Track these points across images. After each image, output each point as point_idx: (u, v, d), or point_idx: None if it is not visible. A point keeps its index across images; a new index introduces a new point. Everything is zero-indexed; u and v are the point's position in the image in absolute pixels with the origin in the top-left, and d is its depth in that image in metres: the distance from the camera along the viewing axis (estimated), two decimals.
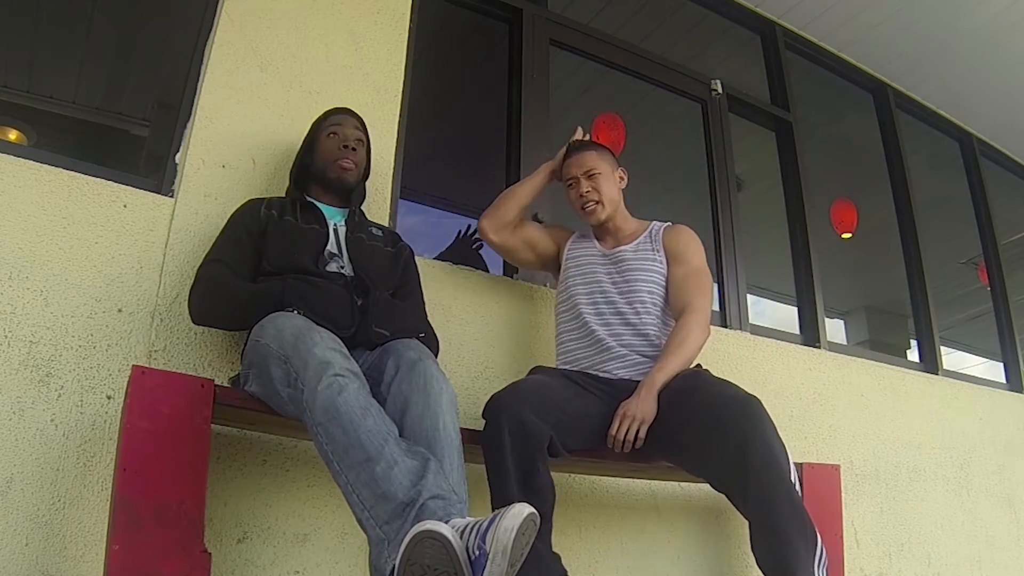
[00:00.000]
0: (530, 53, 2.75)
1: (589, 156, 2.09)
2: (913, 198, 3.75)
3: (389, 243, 1.92)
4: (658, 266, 2.04)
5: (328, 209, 1.86)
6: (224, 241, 1.75)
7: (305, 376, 1.35)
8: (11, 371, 1.58)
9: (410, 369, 1.48)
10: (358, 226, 1.86)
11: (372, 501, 1.22)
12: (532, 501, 1.56)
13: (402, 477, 1.22)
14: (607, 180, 2.08)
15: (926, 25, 3.57)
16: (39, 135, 3.20)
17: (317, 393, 1.31)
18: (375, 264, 1.81)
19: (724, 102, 3.22)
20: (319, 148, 1.89)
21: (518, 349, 2.26)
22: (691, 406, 1.72)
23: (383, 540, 1.19)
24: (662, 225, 2.13)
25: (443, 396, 1.44)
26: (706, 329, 1.92)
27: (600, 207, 2.07)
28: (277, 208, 1.79)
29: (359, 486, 1.24)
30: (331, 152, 1.87)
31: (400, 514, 1.19)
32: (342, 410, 1.28)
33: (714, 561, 2.35)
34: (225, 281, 1.66)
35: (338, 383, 1.31)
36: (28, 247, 1.67)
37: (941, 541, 2.95)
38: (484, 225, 2.11)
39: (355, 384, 1.33)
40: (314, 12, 2.22)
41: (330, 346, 1.38)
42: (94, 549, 1.55)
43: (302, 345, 1.39)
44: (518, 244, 2.14)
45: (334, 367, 1.33)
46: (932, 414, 3.19)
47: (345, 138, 1.88)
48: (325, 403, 1.29)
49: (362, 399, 1.31)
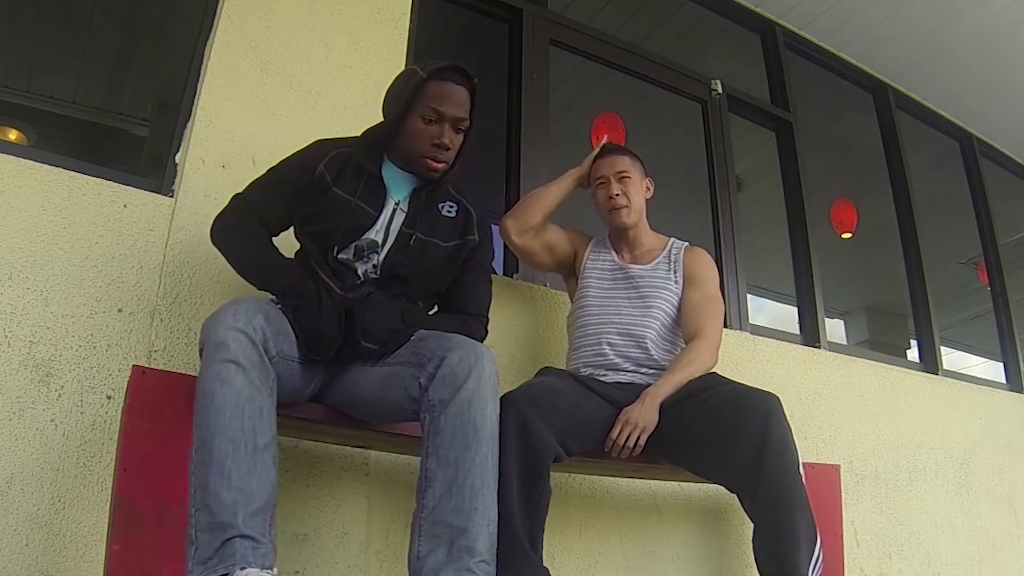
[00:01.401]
0: (530, 53, 2.75)
1: (623, 159, 2.08)
2: (913, 198, 3.75)
3: (458, 230, 1.68)
4: (674, 286, 2.05)
5: (398, 177, 1.64)
6: (272, 182, 1.65)
7: (204, 351, 1.31)
8: (11, 371, 1.58)
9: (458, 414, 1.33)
10: (424, 208, 1.63)
11: (200, 504, 1.22)
12: (531, 512, 1.57)
13: (228, 497, 1.20)
14: (636, 186, 2.08)
15: (926, 25, 3.57)
16: (39, 135, 3.20)
17: (204, 374, 1.28)
18: (418, 269, 1.60)
19: (724, 102, 3.21)
20: (408, 128, 1.58)
21: (519, 349, 2.25)
22: (707, 404, 1.74)
23: (192, 544, 1.21)
24: (682, 245, 2.13)
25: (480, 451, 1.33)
26: (715, 356, 1.93)
27: (627, 211, 2.05)
28: (338, 167, 1.60)
29: (196, 485, 1.23)
30: (422, 144, 1.58)
31: (213, 530, 1.19)
32: (215, 403, 1.25)
33: (714, 561, 2.35)
34: (250, 237, 1.60)
35: (225, 371, 1.26)
36: (28, 247, 1.67)
37: (941, 541, 2.95)
38: (508, 225, 2.08)
39: (242, 378, 1.27)
40: (314, 12, 2.22)
41: (238, 326, 1.30)
42: (94, 549, 1.55)
43: (214, 317, 1.33)
44: (538, 248, 2.12)
45: (228, 351, 1.27)
46: (932, 414, 3.19)
47: (442, 133, 1.57)
48: (203, 387, 1.27)
49: (243, 396, 1.26)
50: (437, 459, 1.32)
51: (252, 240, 1.61)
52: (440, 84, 1.57)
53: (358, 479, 1.89)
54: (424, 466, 1.33)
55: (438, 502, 1.29)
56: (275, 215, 1.64)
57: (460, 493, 1.29)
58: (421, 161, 1.60)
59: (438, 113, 1.57)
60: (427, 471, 1.32)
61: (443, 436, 1.32)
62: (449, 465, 1.30)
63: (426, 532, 1.29)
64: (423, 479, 1.33)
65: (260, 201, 1.63)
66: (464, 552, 1.26)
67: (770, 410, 1.67)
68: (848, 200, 4.07)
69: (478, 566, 1.26)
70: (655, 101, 3.37)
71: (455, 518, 1.28)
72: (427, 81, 1.56)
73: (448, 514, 1.28)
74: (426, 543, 1.29)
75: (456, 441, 1.31)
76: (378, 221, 1.59)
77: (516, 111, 2.65)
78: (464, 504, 1.29)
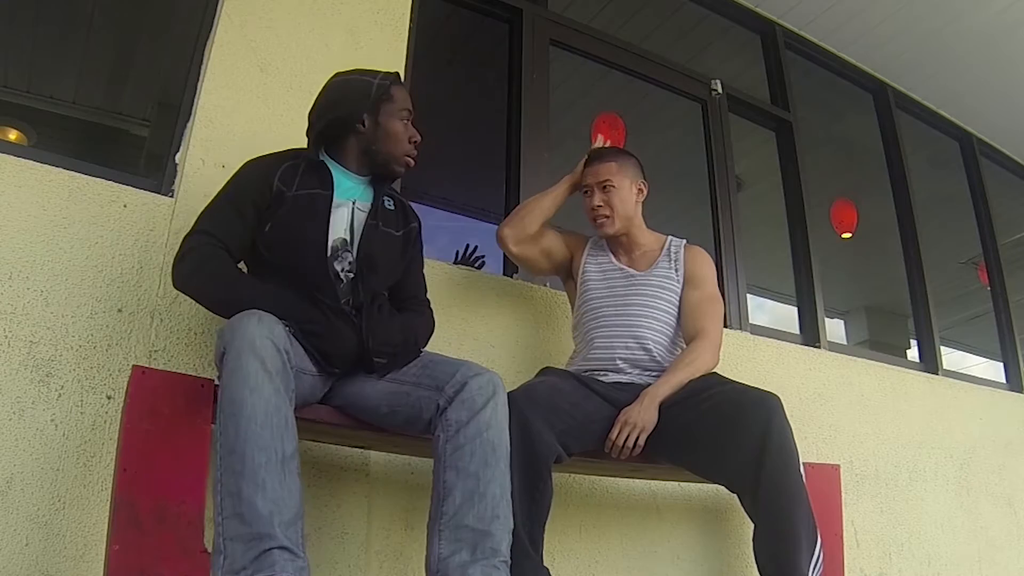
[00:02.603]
0: (530, 53, 2.75)
1: (606, 167, 2.04)
2: (913, 198, 3.75)
3: (400, 220, 1.75)
4: (675, 285, 2.04)
5: (351, 180, 1.68)
6: (225, 207, 1.57)
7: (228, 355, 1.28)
8: (11, 371, 1.58)
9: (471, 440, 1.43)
10: (376, 203, 1.69)
11: (230, 512, 1.20)
12: (531, 512, 1.58)
13: (264, 507, 1.19)
14: (622, 194, 2.04)
15: (926, 25, 3.57)
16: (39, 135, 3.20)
17: (232, 379, 1.26)
18: (384, 259, 1.66)
19: (724, 102, 3.21)
20: (391, 131, 1.67)
21: (519, 349, 2.26)
22: (708, 403, 1.74)
23: (220, 553, 1.19)
24: (680, 243, 2.11)
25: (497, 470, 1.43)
26: (716, 357, 1.93)
27: (609, 222, 2.04)
28: (289, 176, 1.59)
29: (225, 493, 1.22)
30: (403, 144, 1.69)
31: (248, 540, 1.18)
32: (244, 412, 1.23)
33: (714, 561, 2.35)
34: (220, 269, 1.51)
35: (254, 377, 1.25)
36: (28, 247, 1.67)
37: (941, 541, 2.95)
38: (505, 235, 2.06)
39: (269, 386, 1.26)
40: (314, 12, 2.22)
41: (264, 332, 1.30)
42: (94, 549, 1.55)
43: (239, 323, 1.31)
44: (536, 255, 2.11)
45: (257, 355, 1.26)
46: (932, 414, 3.19)
47: (414, 132, 1.71)
48: (232, 395, 1.25)
49: (271, 405, 1.25)
50: (456, 471, 1.41)
51: (229, 277, 1.52)
52: (401, 88, 1.73)
53: (358, 479, 1.89)
54: (442, 478, 1.42)
55: (459, 509, 1.38)
56: (238, 239, 1.56)
57: (483, 502, 1.39)
58: (403, 160, 1.71)
59: (410, 113, 1.72)
60: (446, 482, 1.41)
61: (463, 452, 1.42)
62: (470, 477, 1.40)
63: (447, 536, 1.37)
64: (441, 489, 1.41)
65: (220, 229, 1.54)
66: (490, 553, 1.36)
67: (771, 410, 1.67)
68: (848, 200, 4.07)
69: (502, 565, 1.37)
70: (655, 101, 3.37)
71: (479, 523, 1.37)
72: (391, 86, 1.70)
73: (471, 520, 1.37)
74: (448, 545, 1.37)
75: (476, 458, 1.41)
76: (342, 222, 1.63)
77: (516, 111, 2.65)
78: (487, 512, 1.39)
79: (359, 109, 1.65)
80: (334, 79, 1.74)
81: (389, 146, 1.68)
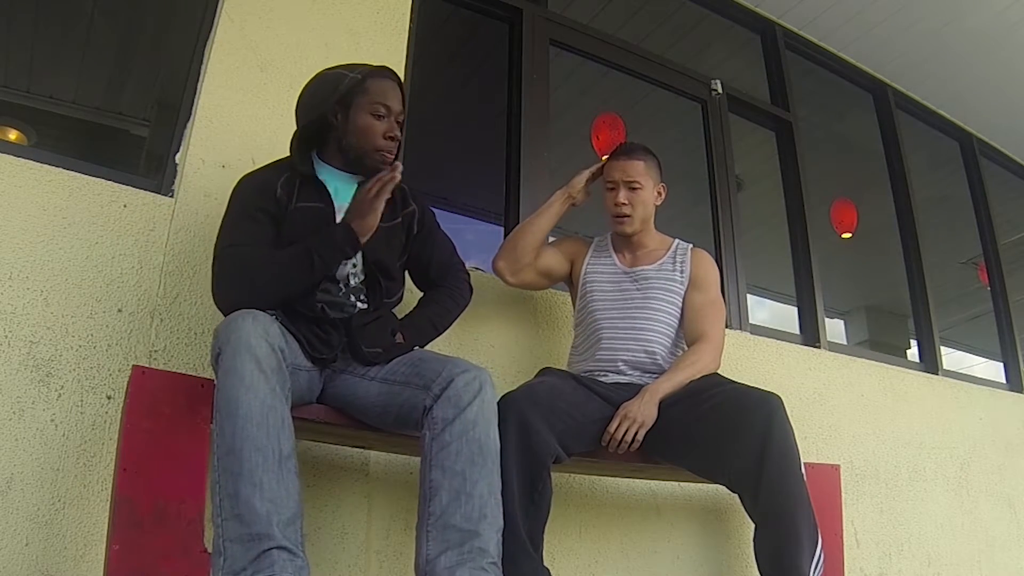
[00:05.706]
0: (530, 53, 2.75)
1: (636, 166, 2.01)
2: (913, 198, 3.75)
3: (399, 207, 1.73)
4: (679, 287, 2.03)
5: (338, 177, 1.66)
6: (239, 222, 1.55)
7: (223, 355, 1.28)
8: (11, 371, 1.58)
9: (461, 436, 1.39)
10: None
11: (228, 514, 1.20)
12: (531, 513, 1.57)
13: (262, 507, 1.19)
14: (646, 195, 2.03)
15: (926, 25, 3.57)
16: (39, 135, 3.20)
17: (227, 379, 1.26)
18: (390, 258, 1.67)
19: (724, 102, 3.21)
20: (359, 125, 1.61)
21: (518, 349, 2.25)
22: (709, 403, 1.74)
23: (220, 554, 1.19)
24: (687, 246, 2.11)
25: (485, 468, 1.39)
26: (717, 361, 1.92)
27: (629, 221, 2.02)
28: (287, 190, 1.59)
29: (223, 494, 1.22)
30: (375, 139, 1.61)
31: (247, 540, 1.18)
32: (240, 412, 1.23)
33: (714, 561, 2.35)
34: (255, 255, 1.49)
35: (250, 376, 1.25)
36: (28, 247, 1.67)
37: (941, 541, 2.95)
38: (501, 268, 2.03)
39: (265, 386, 1.26)
40: (314, 12, 2.22)
41: (258, 331, 1.30)
42: (94, 549, 1.55)
43: (234, 323, 1.31)
44: (535, 279, 2.09)
45: (252, 355, 1.26)
46: (932, 414, 3.19)
47: (391, 127, 1.63)
48: (228, 395, 1.24)
49: (266, 405, 1.25)
50: (443, 471, 1.37)
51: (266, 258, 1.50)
52: (379, 81, 1.63)
53: (358, 479, 1.89)
54: (428, 477, 1.38)
55: (446, 509, 1.34)
56: (261, 243, 1.54)
57: (469, 501, 1.35)
58: (375, 155, 1.62)
59: (386, 108, 1.62)
60: (432, 481, 1.37)
61: (448, 451, 1.38)
62: (456, 476, 1.36)
63: (435, 537, 1.34)
64: (428, 489, 1.38)
65: (242, 239, 1.52)
66: (477, 553, 1.32)
67: (772, 410, 1.67)
68: (848, 200, 4.07)
69: (491, 567, 1.32)
70: (655, 101, 3.37)
71: (465, 523, 1.33)
72: (366, 79, 1.61)
73: (458, 520, 1.34)
74: (435, 546, 1.33)
75: (462, 456, 1.37)
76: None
77: (516, 111, 2.65)
78: (474, 512, 1.35)
79: (328, 103, 1.61)
80: (314, 76, 1.70)
81: (359, 140, 1.62)
